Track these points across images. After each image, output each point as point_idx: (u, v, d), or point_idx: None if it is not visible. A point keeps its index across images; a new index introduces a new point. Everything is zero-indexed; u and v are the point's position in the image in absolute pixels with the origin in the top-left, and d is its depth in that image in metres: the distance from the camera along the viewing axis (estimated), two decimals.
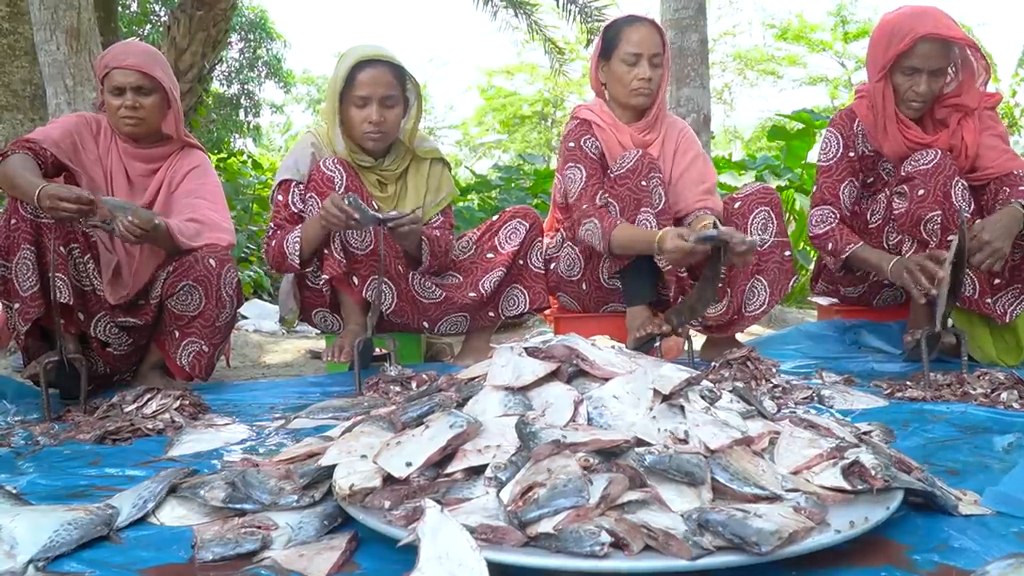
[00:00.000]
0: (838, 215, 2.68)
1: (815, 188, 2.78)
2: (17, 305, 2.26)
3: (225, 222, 2.53)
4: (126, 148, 2.51)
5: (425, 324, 2.75)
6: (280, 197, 2.66)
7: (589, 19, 8.16)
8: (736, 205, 2.70)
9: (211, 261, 2.42)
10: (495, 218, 2.90)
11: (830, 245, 2.66)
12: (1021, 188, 2.42)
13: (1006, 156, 2.53)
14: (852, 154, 2.70)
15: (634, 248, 2.57)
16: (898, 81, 2.52)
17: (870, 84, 2.61)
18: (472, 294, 2.75)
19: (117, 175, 2.50)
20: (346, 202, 2.32)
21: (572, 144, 2.75)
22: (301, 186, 2.63)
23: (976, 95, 2.55)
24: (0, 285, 2.28)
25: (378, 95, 2.58)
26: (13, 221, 2.25)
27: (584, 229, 2.65)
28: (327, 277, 2.58)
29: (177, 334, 2.46)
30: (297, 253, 2.56)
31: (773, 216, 2.67)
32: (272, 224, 2.67)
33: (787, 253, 2.71)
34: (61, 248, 2.28)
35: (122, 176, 2.51)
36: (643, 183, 2.59)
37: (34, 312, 2.26)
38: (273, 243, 2.61)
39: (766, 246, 2.64)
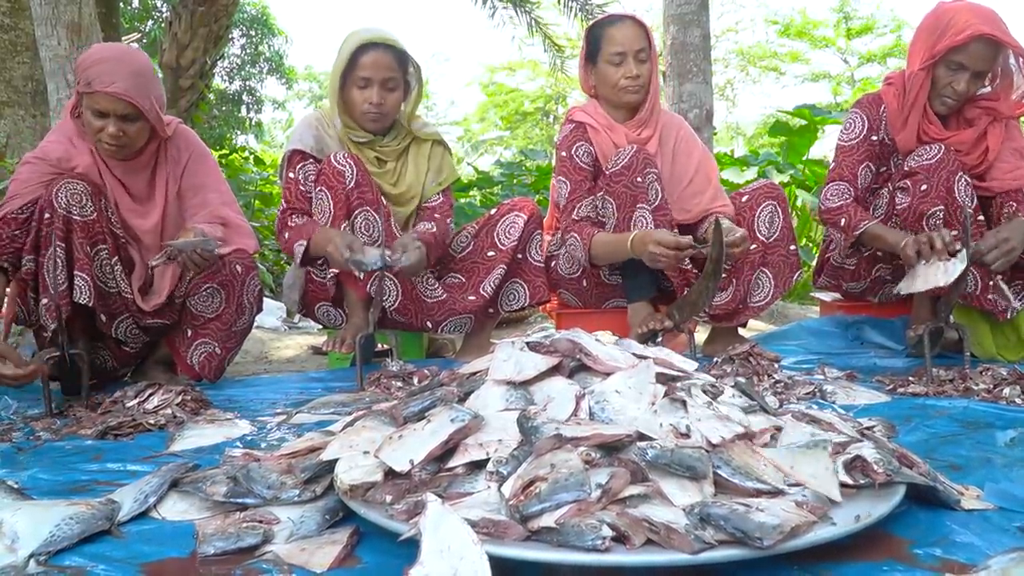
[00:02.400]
0: (853, 193, 2.66)
1: (832, 165, 2.75)
2: (44, 301, 2.20)
3: (243, 221, 2.52)
4: (115, 165, 2.38)
5: (428, 324, 2.75)
6: (291, 174, 2.64)
7: (591, 16, 8.14)
8: (743, 199, 2.72)
9: (238, 267, 2.44)
10: (493, 211, 2.88)
11: (843, 220, 2.63)
12: None
13: (1016, 172, 2.53)
14: (875, 138, 2.68)
15: (615, 256, 2.62)
16: (940, 74, 2.48)
17: (908, 71, 2.57)
18: (472, 297, 2.74)
19: (121, 198, 2.39)
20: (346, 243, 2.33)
21: (564, 154, 2.76)
22: (311, 161, 2.63)
23: (1011, 104, 2.53)
24: (30, 278, 2.23)
25: (379, 78, 2.60)
26: (47, 215, 2.18)
27: (568, 246, 2.72)
28: (334, 271, 2.58)
29: (190, 333, 2.45)
30: (300, 257, 2.57)
31: (779, 210, 2.69)
32: (284, 202, 2.66)
33: (792, 247, 2.72)
34: (87, 247, 2.21)
35: (124, 195, 2.41)
36: (639, 179, 2.58)
37: (64, 311, 2.17)
38: (286, 235, 2.60)
39: (772, 239, 2.65)
